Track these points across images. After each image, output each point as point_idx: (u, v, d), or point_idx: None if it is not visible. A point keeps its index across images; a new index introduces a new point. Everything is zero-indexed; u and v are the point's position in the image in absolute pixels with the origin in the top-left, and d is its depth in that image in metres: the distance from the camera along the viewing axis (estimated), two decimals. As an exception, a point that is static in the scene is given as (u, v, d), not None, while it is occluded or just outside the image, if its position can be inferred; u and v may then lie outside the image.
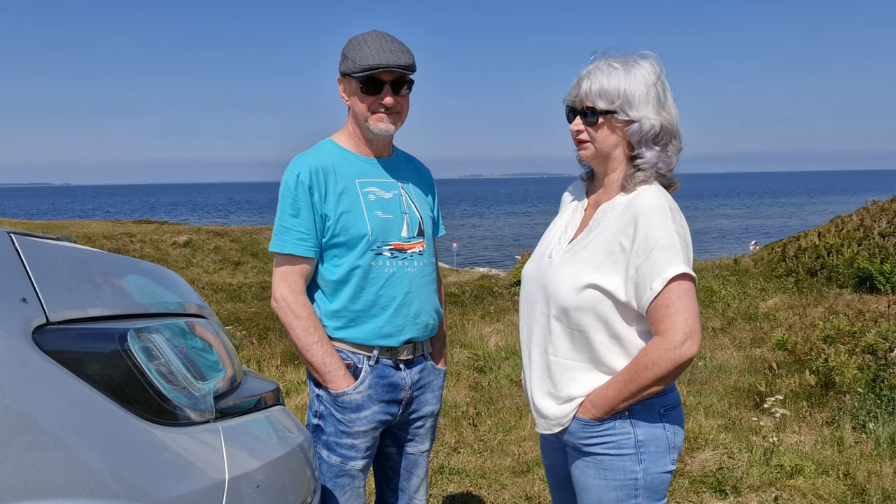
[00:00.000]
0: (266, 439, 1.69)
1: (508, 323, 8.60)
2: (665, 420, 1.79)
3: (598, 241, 1.76)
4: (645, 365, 1.67)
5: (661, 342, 1.66)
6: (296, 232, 2.10)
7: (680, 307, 1.65)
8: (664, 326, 1.66)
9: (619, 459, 1.76)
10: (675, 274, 1.65)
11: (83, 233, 24.02)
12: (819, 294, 9.28)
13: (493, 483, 3.91)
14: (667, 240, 1.67)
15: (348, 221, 2.10)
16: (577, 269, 1.76)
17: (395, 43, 2.09)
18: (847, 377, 5.12)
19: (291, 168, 2.13)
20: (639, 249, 1.68)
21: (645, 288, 1.67)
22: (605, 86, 1.74)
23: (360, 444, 2.18)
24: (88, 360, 1.29)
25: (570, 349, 1.78)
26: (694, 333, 1.65)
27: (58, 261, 1.44)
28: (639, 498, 1.77)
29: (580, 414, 1.78)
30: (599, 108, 1.75)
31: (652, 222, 1.68)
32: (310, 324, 2.11)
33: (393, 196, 2.19)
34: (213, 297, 14.70)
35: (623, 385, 1.70)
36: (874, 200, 12.59)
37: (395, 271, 2.15)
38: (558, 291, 1.78)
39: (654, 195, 1.73)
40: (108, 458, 1.25)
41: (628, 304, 1.72)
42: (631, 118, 1.74)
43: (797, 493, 3.65)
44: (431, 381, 2.31)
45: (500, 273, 18.41)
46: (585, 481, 1.82)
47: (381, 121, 2.11)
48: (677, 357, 1.64)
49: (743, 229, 48.98)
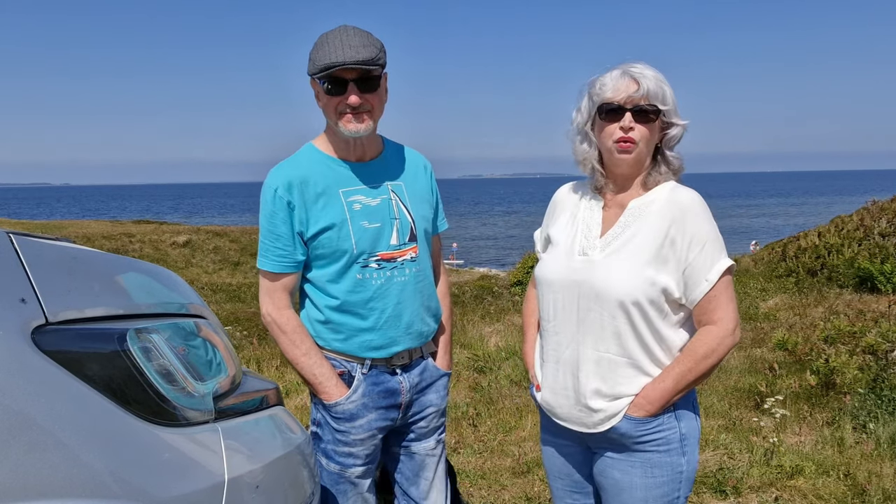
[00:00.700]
0: (266, 440, 1.68)
1: (508, 323, 8.59)
2: (697, 412, 1.89)
3: (642, 236, 1.80)
4: (704, 354, 1.76)
5: (718, 330, 1.76)
6: (275, 249, 2.05)
7: (729, 297, 1.79)
8: (718, 316, 1.76)
9: (666, 455, 1.82)
10: (727, 266, 1.78)
11: (82, 233, 24.02)
12: (819, 294, 9.29)
13: (493, 483, 3.91)
14: (715, 234, 1.79)
15: (331, 236, 2.03)
16: (630, 265, 1.78)
17: (358, 37, 1.95)
18: (847, 377, 5.12)
19: (269, 182, 2.05)
20: (693, 243, 1.76)
21: (699, 280, 1.76)
22: (662, 88, 1.80)
23: (359, 451, 2.13)
24: (88, 360, 1.29)
25: (620, 345, 1.80)
26: (739, 320, 1.81)
27: (57, 261, 1.44)
28: (681, 490, 1.84)
29: (632, 412, 1.80)
30: (660, 108, 1.80)
31: (700, 218, 1.79)
32: (295, 337, 2.08)
33: (381, 202, 2.09)
34: (212, 297, 14.69)
35: (680, 376, 1.77)
36: (874, 200, 12.60)
37: (384, 283, 2.07)
38: (613, 286, 1.78)
39: (693, 193, 1.83)
40: (108, 459, 1.25)
41: (677, 300, 1.79)
42: (673, 122, 1.84)
43: (797, 493, 3.65)
44: (434, 381, 2.25)
45: (500, 273, 18.40)
46: (630, 481, 1.84)
47: (349, 122, 1.99)
48: (732, 343, 1.77)
49: (743, 229, 48.98)
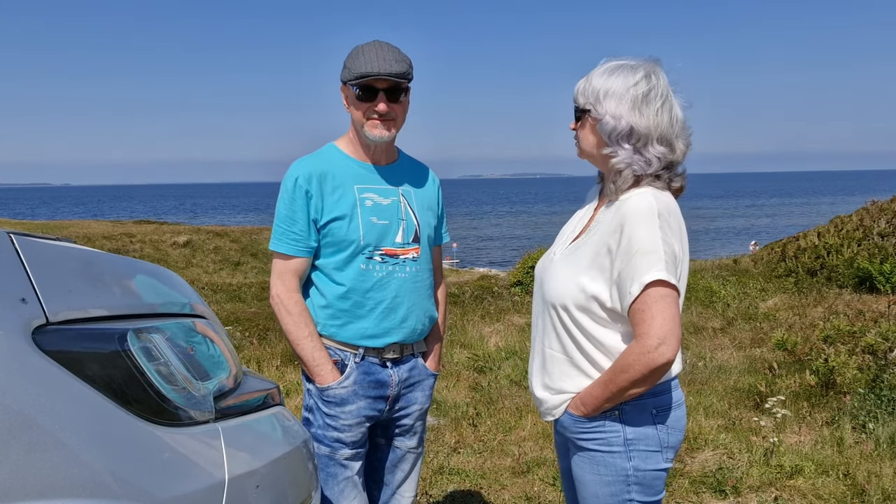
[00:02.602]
0: (266, 439, 1.69)
1: (508, 323, 8.60)
2: (658, 420, 1.81)
3: (587, 244, 1.83)
4: (621, 367, 1.72)
5: (637, 346, 1.69)
6: (291, 233, 2.20)
7: (656, 312, 1.66)
8: (640, 331, 1.69)
9: (609, 456, 1.81)
10: (652, 280, 1.66)
11: (83, 233, 24.02)
12: (819, 294, 9.29)
13: (493, 483, 3.91)
14: (649, 245, 1.68)
15: (342, 225, 2.19)
16: (570, 270, 1.83)
17: (392, 52, 2.16)
18: (847, 377, 5.12)
19: (291, 172, 2.22)
20: (622, 253, 1.71)
21: (625, 292, 1.71)
22: (585, 84, 1.82)
23: (346, 437, 2.25)
24: (88, 360, 1.29)
25: (561, 344, 1.85)
26: (669, 338, 1.66)
27: (58, 261, 1.44)
28: (632, 493, 1.82)
29: (570, 409, 1.85)
30: (578, 106, 1.84)
31: (637, 227, 1.69)
32: (300, 320, 2.20)
33: (391, 202, 2.26)
34: (213, 297, 14.69)
35: (605, 386, 1.76)
36: (874, 200, 12.61)
37: (385, 275, 2.22)
38: (552, 289, 1.86)
39: (643, 199, 1.73)
40: (108, 459, 1.25)
41: (613, 309, 1.76)
42: (599, 115, 1.79)
43: (797, 493, 3.65)
44: (422, 380, 2.37)
45: (500, 273, 18.41)
46: (582, 475, 1.87)
47: (375, 127, 2.18)
48: (650, 361, 1.66)
49: (743, 229, 48.99)
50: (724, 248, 30.64)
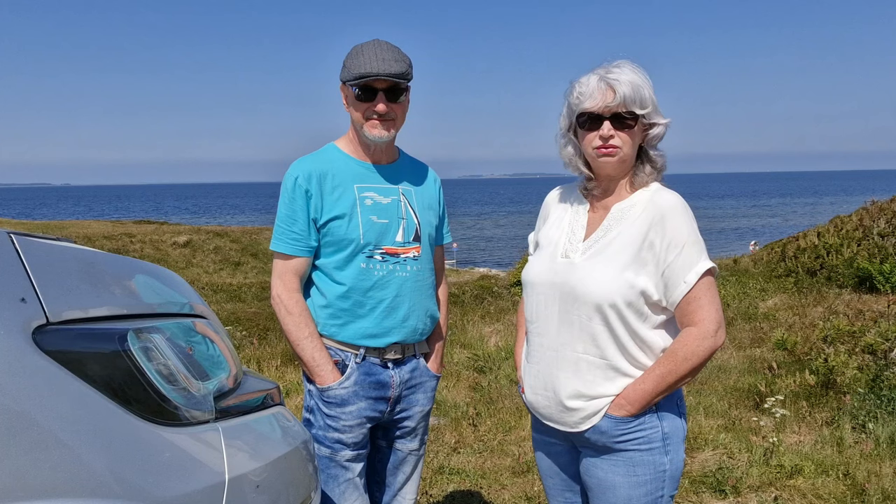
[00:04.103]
0: (266, 439, 1.69)
1: (508, 323, 8.60)
2: (682, 411, 1.90)
3: (622, 239, 1.81)
4: (684, 356, 1.75)
5: (698, 332, 1.75)
6: (291, 233, 2.19)
7: (711, 298, 1.77)
8: (698, 317, 1.75)
9: (648, 454, 1.82)
10: (707, 268, 1.76)
11: (83, 233, 24.02)
12: (819, 294, 9.29)
13: (493, 483, 3.92)
14: (694, 236, 1.78)
15: (342, 225, 2.18)
16: (608, 268, 1.79)
17: (391, 52, 2.14)
18: (847, 377, 5.12)
19: (291, 171, 2.21)
20: (671, 246, 1.76)
21: (678, 282, 1.75)
22: (638, 92, 1.79)
23: (347, 438, 2.23)
24: (88, 360, 1.29)
25: (598, 347, 1.81)
26: (723, 322, 1.78)
27: (58, 261, 1.44)
28: (665, 489, 1.84)
29: (612, 412, 1.81)
30: (637, 114, 1.80)
31: (680, 220, 1.78)
32: (301, 320, 2.19)
33: (391, 201, 2.24)
34: (213, 297, 14.69)
35: (661, 378, 1.77)
36: (874, 200, 12.61)
37: (385, 274, 2.21)
38: (592, 290, 1.79)
39: (674, 195, 1.82)
40: (109, 458, 1.25)
41: (657, 302, 1.79)
42: (653, 122, 1.83)
43: (797, 493, 3.65)
44: (424, 382, 2.35)
45: (500, 273, 18.41)
46: (613, 480, 1.84)
47: (374, 127, 2.17)
48: (713, 345, 1.76)
49: (743, 229, 48.97)
50: (724, 248, 30.64)
